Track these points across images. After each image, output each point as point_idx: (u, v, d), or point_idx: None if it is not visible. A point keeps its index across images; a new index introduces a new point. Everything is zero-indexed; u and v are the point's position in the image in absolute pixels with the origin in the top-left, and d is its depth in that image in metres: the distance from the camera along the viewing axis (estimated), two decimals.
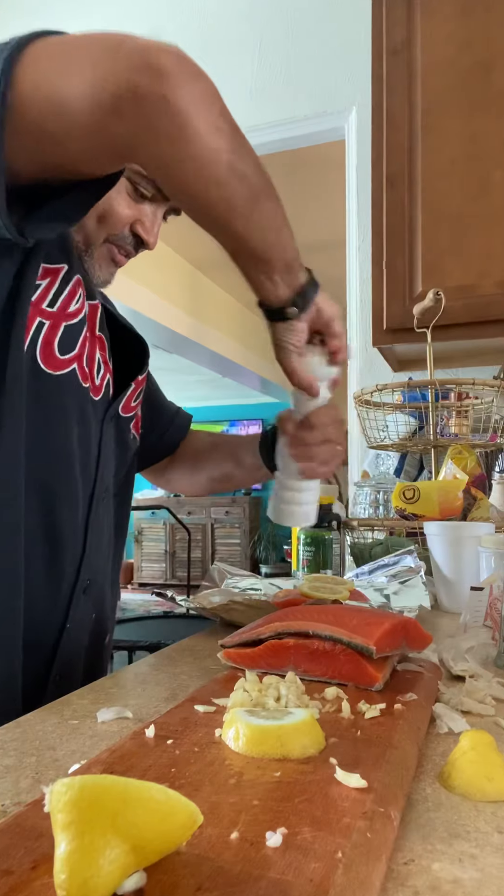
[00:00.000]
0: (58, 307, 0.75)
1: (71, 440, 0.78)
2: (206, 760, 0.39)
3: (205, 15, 2.42)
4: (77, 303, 0.78)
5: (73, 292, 0.77)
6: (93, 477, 0.83)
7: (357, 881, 0.28)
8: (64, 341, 0.76)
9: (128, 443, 0.94)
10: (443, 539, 1.01)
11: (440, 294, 1.39)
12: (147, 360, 0.96)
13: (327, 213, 3.87)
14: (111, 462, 0.89)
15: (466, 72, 1.58)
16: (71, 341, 0.77)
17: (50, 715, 0.54)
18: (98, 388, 0.84)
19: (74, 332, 0.77)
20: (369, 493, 1.53)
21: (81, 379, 0.79)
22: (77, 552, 0.80)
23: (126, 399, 0.90)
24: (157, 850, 0.28)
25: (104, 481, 0.85)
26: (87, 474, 0.82)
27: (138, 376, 0.92)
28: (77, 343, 0.78)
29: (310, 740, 0.40)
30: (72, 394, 0.78)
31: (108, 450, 0.87)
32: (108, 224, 0.80)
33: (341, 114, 2.22)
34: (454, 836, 0.35)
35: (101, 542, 0.85)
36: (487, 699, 0.55)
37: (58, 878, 0.25)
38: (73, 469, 0.78)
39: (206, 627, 0.87)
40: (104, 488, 0.85)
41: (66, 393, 0.77)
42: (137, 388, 0.93)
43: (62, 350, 0.76)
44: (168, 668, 0.68)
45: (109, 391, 0.87)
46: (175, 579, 7.15)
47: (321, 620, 0.57)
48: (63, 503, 0.77)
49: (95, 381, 0.83)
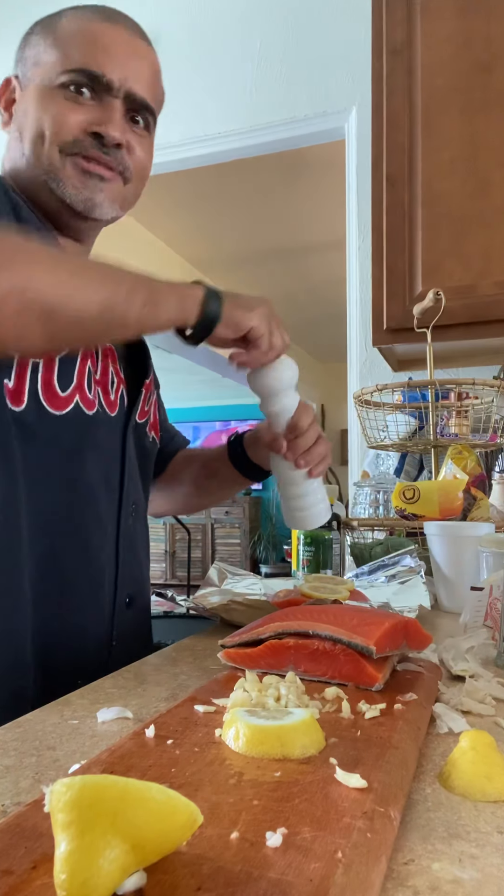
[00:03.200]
0: None
1: (87, 473, 0.77)
2: (206, 760, 0.39)
3: (205, 15, 2.42)
4: None
5: None
6: (118, 496, 0.83)
7: (357, 881, 0.28)
8: (62, 376, 0.75)
9: (146, 447, 0.93)
10: (443, 539, 1.01)
11: (440, 294, 1.39)
12: (149, 361, 0.95)
13: (327, 213, 3.87)
14: (136, 474, 0.88)
15: (466, 72, 1.58)
16: (68, 373, 0.76)
17: (50, 715, 0.54)
18: (113, 402, 0.83)
19: (69, 363, 0.76)
20: (369, 493, 1.53)
21: (86, 408, 0.77)
22: (112, 571, 0.81)
23: (140, 406, 0.89)
24: (157, 850, 0.28)
25: (129, 497, 0.85)
26: (112, 495, 0.82)
27: (145, 380, 0.91)
28: (74, 373, 0.77)
29: (310, 740, 0.40)
30: (79, 428, 0.76)
31: (131, 463, 0.86)
32: (54, 134, 0.75)
33: (341, 114, 2.22)
34: (454, 836, 0.35)
35: (136, 556, 0.86)
36: (487, 699, 0.55)
37: (58, 878, 0.25)
38: (94, 496, 0.78)
39: (206, 627, 0.87)
40: (131, 503, 0.85)
41: (74, 429, 0.76)
42: (147, 393, 0.92)
43: (62, 385, 0.75)
44: (168, 668, 0.68)
45: (125, 402, 0.86)
46: (175, 579, 7.15)
47: (321, 620, 0.57)
48: (92, 530, 0.78)
49: (110, 395, 0.82)
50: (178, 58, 2.38)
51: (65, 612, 0.75)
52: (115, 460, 0.83)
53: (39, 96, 0.77)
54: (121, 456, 0.84)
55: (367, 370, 2.13)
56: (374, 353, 1.97)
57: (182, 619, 2.12)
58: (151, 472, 0.98)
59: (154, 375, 1.00)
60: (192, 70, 2.37)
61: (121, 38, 0.79)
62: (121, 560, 0.82)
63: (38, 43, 0.80)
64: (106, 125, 0.76)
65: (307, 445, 0.81)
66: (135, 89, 0.79)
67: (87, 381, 0.78)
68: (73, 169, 0.77)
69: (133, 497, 0.86)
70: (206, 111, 2.36)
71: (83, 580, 0.77)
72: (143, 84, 0.80)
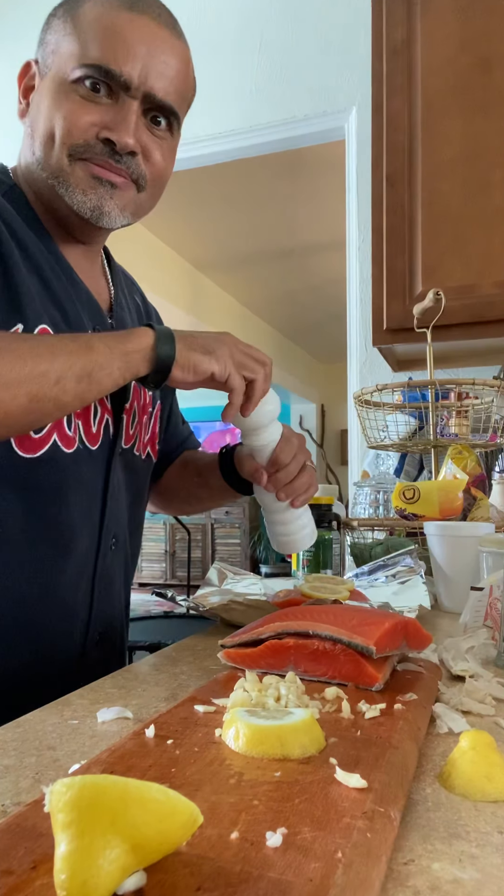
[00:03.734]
0: None
1: (69, 510, 0.75)
2: (206, 760, 0.39)
3: (205, 15, 2.42)
4: None
5: None
6: (97, 533, 0.80)
7: (357, 881, 0.28)
8: None
9: (138, 468, 0.90)
10: (443, 539, 1.01)
11: (440, 294, 1.39)
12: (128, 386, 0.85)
13: (327, 213, 3.87)
14: (122, 501, 0.85)
15: (466, 72, 1.58)
16: None
17: (50, 715, 0.54)
18: (96, 435, 0.78)
19: None
20: (369, 493, 1.53)
21: (65, 447, 0.74)
22: (85, 611, 0.79)
23: (124, 432, 0.84)
24: (157, 850, 0.28)
25: (109, 532, 0.82)
26: (92, 533, 0.79)
27: (124, 405, 0.84)
28: None
29: (310, 740, 0.40)
30: (56, 470, 0.73)
31: (116, 492, 0.83)
32: (64, 136, 0.71)
33: (341, 114, 2.22)
34: (454, 836, 0.35)
35: (112, 591, 0.84)
36: (487, 699, 0.55)
37: (58, 878, 0.25)
38: (73, 537, 0.76)
39: (206, 627, 0.87)
40: (111, 538, 0.82)
41: (52, 470, 0.72)
42: (129, 417, 0.85)
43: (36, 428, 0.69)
44: (168, 668, 0.68)
45: (110, 431, 0.81)
46: (175, 579, 7.15)
47: (321, 620, 0.57)
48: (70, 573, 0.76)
49: (91, 428, 0.77)
50: None
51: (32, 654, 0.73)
52: (97, 496, 0.79)
53: (54, 90, 0.72)
54: (103, 491, 0.80)
55: (367, 370, 2.13)
56: (374, 353, 1.97)
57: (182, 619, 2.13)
58: (145, 491, 0.95)
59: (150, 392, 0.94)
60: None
61: (146, 29, 0.71)
62: (95, 598, 0.80)
63: (59, 28, 0.73)
64: (119, 131, 0.71)
65: (289, 478, 0.80)
66: (155, 89, 0.72)
67: (66, 419, 0.74)
68: (83, 173, 0.72)
69: (114, 531, 0.83)
70: (206, 111, 2.37)
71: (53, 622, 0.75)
72: (165, 82, 0.73)
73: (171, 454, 1.05)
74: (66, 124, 0.71)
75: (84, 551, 0.78)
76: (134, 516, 0.91)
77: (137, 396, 0.88)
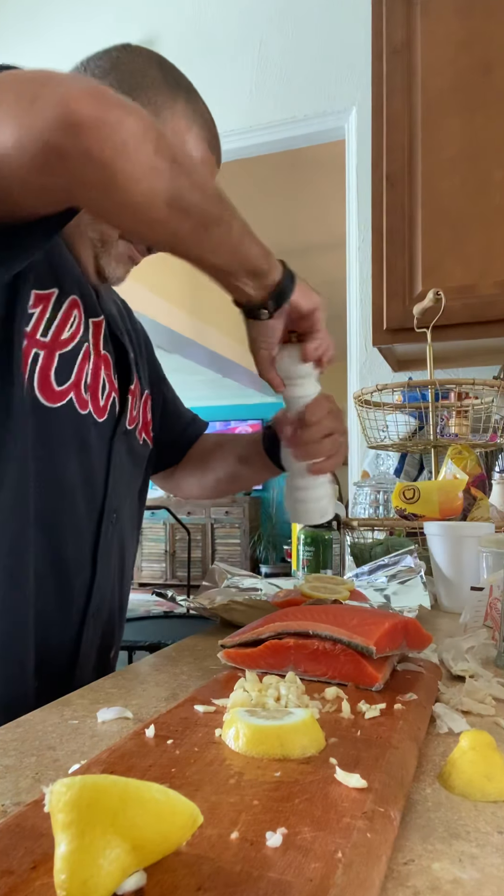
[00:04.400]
0: (50, 336, 0.73)
1: (71, 471, 0.77)
2: (206, 760, 0.39)
3: (205, 15, 2.42)
4: (71, 328, 0.76)
5: (66, 317, 0.75)
6: (99, 505, 0.81)
7: (357, 881, 0.28)
8: (60, 371, 0.75)
9: (137, 450, 0.92)
10: (443, 539, 1.01)
11: (440, 294, 1.39)
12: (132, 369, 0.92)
13: (327, 213, 3.87)
14: (123, 480, 0.87)
15: (466, 72, 1.58)
16: (66, 370, 0.76)
17: (50, 715, 0.54)
18: (103, 408, 0.82)
19: (69, 361, 0.76)
20: (369, 493, 1.53)
21: (79, 407, 0.77)
22: (86, 580, 0.79)
23: (128, 412, 0.88)
24: (157, 850, 0.28)
25: (112, 504, 0.83)
26: (93, 503, 0.80)
27: (129, 386, 0.89)
28: (73, 371, 0.77)
29: (310, 740, 0.40)
30: (70, 424, 0.76)
31: (118, 470, 0.85)
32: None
33: (341, 114, 2.22)
34: (454, 836, 0.35)
35: (110, 566, 0.84)
36: (487, 699, 0.55)
37: (58, 878, 0.25)
38: (75, 500, 0.77)
39: (206, 627, 0.87)
40: (112, 511, 0.83)
41: (65, 424, 0.75)
42: (133, 399, 0.91)
43: (59, 380, 0.74)
44: (168, 668, 0.68)
45: (116, 409, 0.85)
46: (175, 579, 7.15)
47: (321, 620, 0.57)
48: (68, 535, 0.76)
49: (99, 402, 0.82)
50: (179, 58, 2.37)
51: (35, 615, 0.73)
52: (101, 466, 0.82)
53: None
54: (107, 462, 0.83)
55: (367, 370, 2.13)
56: (374, 353, 1.97)
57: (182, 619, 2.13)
58: (144, 475, 0.98)
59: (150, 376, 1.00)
60: (192, 70, 2.36)
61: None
62: (98, 570, 0.80)
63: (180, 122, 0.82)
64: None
65: (311, 439, 0.79)
66: None
67: (83, 383, 0.78)
68: (125, 250, 0.82)
69: (115, 505, 0.84)
70: None
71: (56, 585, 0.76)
72: None
73: (179, 439, 1.08)
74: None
75: (84, 519, 0.79)
76: (133, 499, 0.93)
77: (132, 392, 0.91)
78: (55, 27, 2.61)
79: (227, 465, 1.06)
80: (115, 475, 0.84)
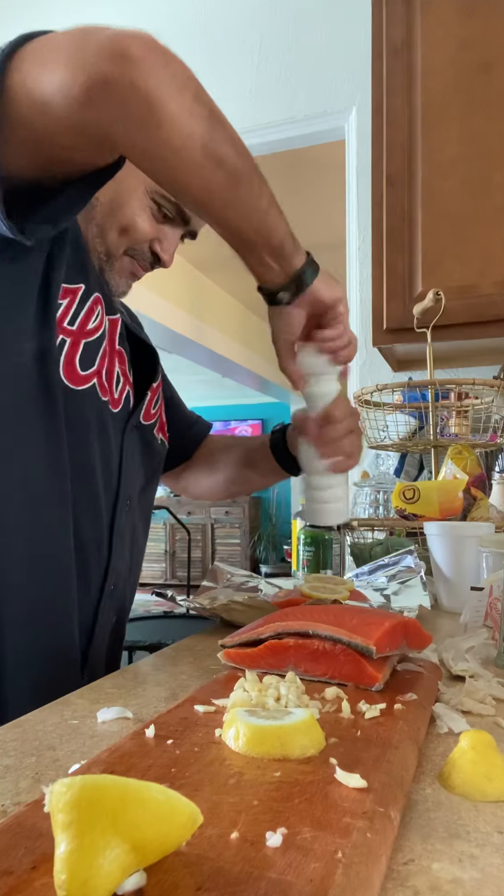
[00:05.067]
0: (77, 325, 0.77)
1: (92, 453, 0.80)
2: (206, 760, 0.39)
3: (205, 15, 2.41)
4: (95, 320, 0.80)
5: (91, 310, 0.79)
6: (115, 488, 0.84)
7: (357, 881, 0.28)
8: (84, 358, 0.78)
9: (155, 448, 0.95)
10: (443, 539, 1.01)
11: (440, 294, 1.39)
12: (158, 367, 0.98)
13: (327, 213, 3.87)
14: (135, 471, 0.90)
15: (466, 72, 1.58)
16: (90, 357, 0.79)
17: (50, 715, 0.54)
18: (117, 400, 0.85)
19: (93, 349, 0.79)
20: (369, 493, 1.53)
21: (101, 393, 0.81)
22: (103, 560, 0.82)
23: (145, 407, 0.92)
24: (157, 850, 0.28)
25: (126, 491, 0.86)
26: (110, 486, 0.83)
27: (152, 384, 0.94)
28: (96, 359, 0.80)
29: (310, 740, 0.40)
30: (92, 408, 0.80)
31: (131, 460, 0.88)
32: (130, 237, 0.83)
33: (341, 114, 2.22)
34: (454, 836, 0.35)
35: (124, 549, 0.87)
36: (487, 699, 0.55)
37: (58, 878, 0.25)
38: (94, 481, 0.80)
39: (206, 627, 0.87)
40: (126, 497, 0.86)
41: (88, 408, 0.79)
42: (154, 396, 0.94)
43: (83, 366, 0.78)
44: (168, 668, 0.68)
45: (129, 402, 0.89)
46: (175, 579, 7.15)
47: (321, 620, 0.57)
48: (86, 514, 0.79)
49: (115, 394, 0.85)
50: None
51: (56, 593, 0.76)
52: (115, 453, 0.85)
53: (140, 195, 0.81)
54: (119, 452, 0.86)
55: (367, 370, 2.13)
56: (374, 353, 1.97)
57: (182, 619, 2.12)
58: (159, 473, 1.01)
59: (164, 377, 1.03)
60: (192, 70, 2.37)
61: None
62: (113, 551, 0.83)
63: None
64: (165, 251, 0.85)
65: (336, 436, 0.80)
66: (198, 226, 0.87)
67: (103, 371, 0.82)
68: (128, 266, 0.86)
69: (128, 492, 0.87)
70: None
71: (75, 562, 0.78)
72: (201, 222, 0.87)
73: (184, 439, 1.10)
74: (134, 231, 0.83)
75: (102, 500, 0.81)
76: (145, 493, 0.95)
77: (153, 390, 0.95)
78: (54, 27, 2.61)
79: (236, 467, 1.08)
80: (126, 465, 0.87)
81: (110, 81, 0.55)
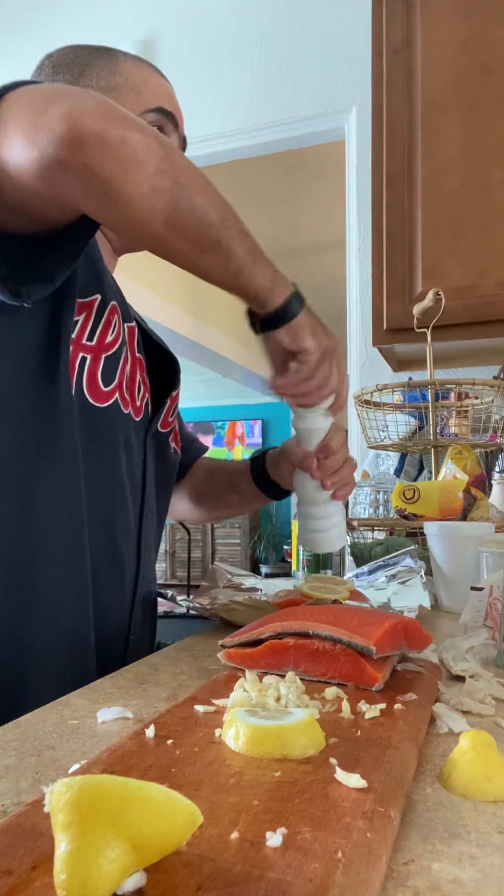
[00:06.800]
0: (96, 340, 0.77)
1: (120, 468, 0.81)
2: (206, 760, 0.39)
3: (205, 15, 2.41)
4: (113, 332, 0.80)
5: (108, 322, 0.78)
6: (140, 499, 0.86)
7: (357, 881, 0.28)
8: (105, 373, 0.78)
9: (168, 456, 0.96)
10: (443, 539, 1.01)
11: (440, 294, 1.39)
12: (178, 375, 0.98)
13: (327, 213, 3.87)
14: (154, 479, 0.91)
15: (466, 72, 1.58)
16: (111, 371, 0.79)
17: (50, 715, 0.54)
18: (139, 408, 0.86)
19: (113, 362, 0.79)
20: (369, 493, 1.53)
21: (122, 406, 0.82)
22: (133, 568, 0.84)
23: (164, 415, 0.92)
24: (157, 850, 0.28)
25: (149, 500, 0.88)
26: (136, 497, 0.85)
27: (172, 392, 0.94)
28: (117, 372, 0.80)
29: (310, 740, 0.40)
30: (117, 423, 0.80)
31: (152, 469, 0.89)
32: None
33: (341, 114, 2.22)
34: (454, 836, 0.35)
35: (150, 556, 0.89)
36: (487, 699, 0.55)
37: (58, 878, 0.25)
38: (125, 495, 0.81)
39: (206, 627, 0.87)
40: (149, 507, 0.88)
41: (113, 423, 0.79)
42: (172, 405, 0.95)
43: (105, 381, 0.78)
44: (168, 668, 0.68)
45: (149, 410, 0.89)
46: (175, 579, 7.14)
47: (321, 620, 0.57)
48: (120, 527, 0.81)
49: (136, 402, 0.85)
50: (179, 58, 2.37)
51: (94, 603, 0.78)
52: (140, 462, 0.86)
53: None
54: (143, 460, 0.87)
55: (367, 370, 2.13)
56: (374, 353, 1.97)
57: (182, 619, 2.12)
58: (173, 481, 1.01)
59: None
60: (193, 70, 2.37)
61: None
62: (141, 558, 0.86)
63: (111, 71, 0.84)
64: None
65: (336, 467, 0.82)
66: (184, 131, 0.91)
67: (124, 383, 0.82)
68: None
69: (150, 502, 0.89)
70: (207, 111, 2.36)
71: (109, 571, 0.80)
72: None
73: (184, 454, 1.10)
74: None
75: (131, 512, 0.83)
76: (164, 500, 0.96)
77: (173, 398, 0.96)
78: (55, 27, 2.61)
79: (220, 494, 1.09)
80: (149, 473, 0.88)
81: (64, 164, 0.55)
